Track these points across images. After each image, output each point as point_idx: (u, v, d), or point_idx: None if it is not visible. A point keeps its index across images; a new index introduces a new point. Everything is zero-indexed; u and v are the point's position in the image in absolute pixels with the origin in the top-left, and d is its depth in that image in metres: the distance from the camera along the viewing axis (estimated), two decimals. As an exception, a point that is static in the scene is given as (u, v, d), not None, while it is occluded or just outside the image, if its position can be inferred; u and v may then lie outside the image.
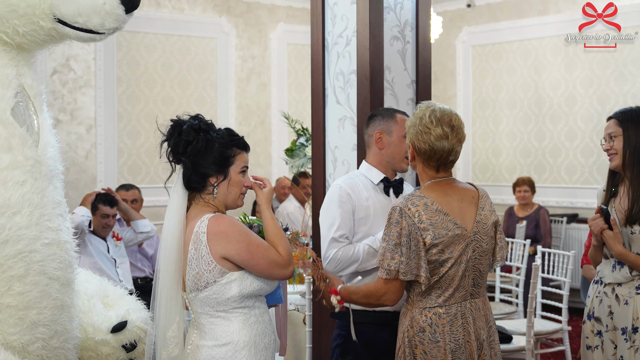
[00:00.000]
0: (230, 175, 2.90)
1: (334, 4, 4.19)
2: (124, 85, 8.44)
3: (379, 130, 3.43)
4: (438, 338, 2.86)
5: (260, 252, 2.81)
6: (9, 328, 2.73)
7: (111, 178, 8.21)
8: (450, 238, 2.85)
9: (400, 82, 4.12)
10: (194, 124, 2.88)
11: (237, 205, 2.96)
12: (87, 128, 8.24)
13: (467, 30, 9.49)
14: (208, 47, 8.95)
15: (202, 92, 8.91)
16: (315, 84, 4.27)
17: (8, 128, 2.74)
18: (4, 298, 2.71)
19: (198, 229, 2.81)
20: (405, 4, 4.14)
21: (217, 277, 2.80)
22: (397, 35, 4.11)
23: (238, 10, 9.14)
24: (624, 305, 3.29)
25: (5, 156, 2.72)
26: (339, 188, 3.41)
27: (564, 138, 8.61)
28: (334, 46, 4.20)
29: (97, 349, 3.16)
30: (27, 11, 2.70)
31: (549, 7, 8.71)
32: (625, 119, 3.34)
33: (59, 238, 2.87)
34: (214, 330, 2.83)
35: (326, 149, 4.24)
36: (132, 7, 2.79)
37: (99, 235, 5.53)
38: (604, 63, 8.27)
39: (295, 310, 4.45)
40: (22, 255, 2.72)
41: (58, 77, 8.07)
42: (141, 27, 8.30)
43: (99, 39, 2.86)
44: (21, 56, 2.85)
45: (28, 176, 2.77)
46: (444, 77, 9.74)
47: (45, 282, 2.80)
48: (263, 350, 2.87)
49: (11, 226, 2.70)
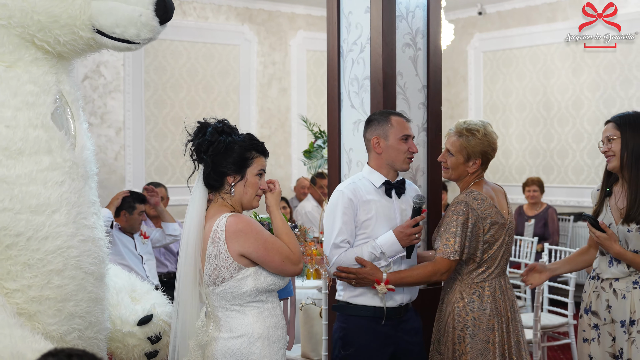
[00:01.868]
0: (247, 177, 2.92)
1: (349, 13, 4.17)
2: (151, 90, 8.50)
3: (375, 136, 3.44)
4: (485, 306, 3.34)
5: (275, 249, 2.85)
6: (49, 319, 2.75)
7: (139, 178, 8.27)
8: (499, 226, 3.36)
9: (412, 87, 4.12)
10: (218, 127, 2.93)
11: (252, 206, 2.99)
12: (116, 131, 8.30)
13: (479, 36, 9.50)
14: (231, 54, 8.98)
15: (226, 97, 8.95)
16: (331, 89, 4.26)
17: (48, 132, 2.77)
18: (43, 291, 2.73)
19: (217, 227, 2.84)
20: (417, 13, 4.13)
21: (234, 273, 2.83)
22: (409, 42, 4.10)
23: (260, 18, 9.18)
24: (622, 299, 3.31)
25: (45, 158, 2.75)
26: (341, 194, 3.41)
27: (571, 140, 8.61)
28: (349, 53, 4.18)
29: (124, 340, 3.18)
30: (68, 22, 2.72)
31: (557, 14, 8.71)
32: (623, 123, 3.37)
33: (94, 235, 2.91)
34: (230, 322, 2.86)
35: (341, 151, 4.21)
36: (166, 19, 2.81)
37: (127, 233, 5.63)
38: (609, 68, 8.26)
39: (312, 304, 4.46)
40: (60, 251, 2.75)
41: (89, 83, 8.14)
42: (168, 35, 8.32)
43: (134, 49, 2.88)
44: (60, 64, 2.88)
45: (66, 177, 2.80)
46: (457, 81, 9.76)
47: (81, 276, 2.83)
48: (276, 342, 2.90)
49: (50, 223, 2.73)
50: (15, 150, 2.71)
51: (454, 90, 9.77)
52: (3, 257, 2.69)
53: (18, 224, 2.68)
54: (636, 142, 3.32)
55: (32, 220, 2.70)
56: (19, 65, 2.77)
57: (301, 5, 9.26)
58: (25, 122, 2.73)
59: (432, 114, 4.14)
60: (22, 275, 2.70)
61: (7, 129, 2.70)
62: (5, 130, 2.70)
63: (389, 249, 3.36)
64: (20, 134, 2.72)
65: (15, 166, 2.70)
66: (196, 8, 8.75)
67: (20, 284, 2.71)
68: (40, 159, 2.75)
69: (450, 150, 3.48)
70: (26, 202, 2.70)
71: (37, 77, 2.80)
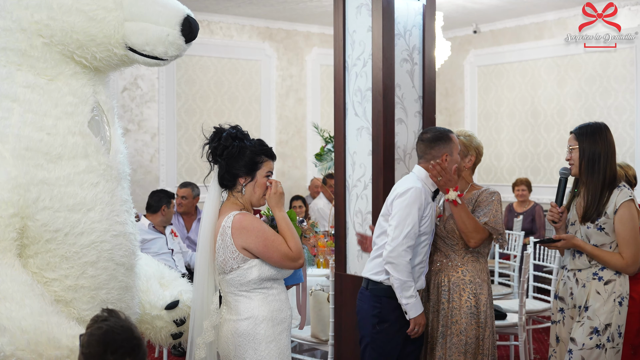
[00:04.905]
0: (256, 178, 2.93)
1: (353, 32, 4.18)
2: (182, 100, 8.51)
3: (445, 153, 3.39)
4: (486, 278, 3.54)
5: (275, 247, 2.84)
6: (83, 305, 2.77)
7: (171, 178, 8.29)
8: None
9: (409, 97, 4.11)
10: (232, 133, 2.94)
11: (260, 204, 2.99)
12: (151, 136, 8.34)
13: (474, 52, 9.43)
14: (253, 68, 8.97)
15: (248, 106, 8.95)
16: (337, 99, 4.27)
17: (85, 138, 2.78)
18: (79, 280, 2.75)
19: (225, 223, 2.86)
20: (414, 32, 4.12)
21: (240, 263, 2.84)
22: (406, 57, 4.09)
23: (279, 36, 9.18)
24: (582, 288, 3.30)
25: (82, 162, 2.76)
26: (420, 192, 3.35)
27: (556, 144, 8.53)
28: (353, 67, 4.19)
29: (152, 323, 3.19)
30: (103, 40, 2.74)
31: (544, 33, 8.63)
32: (581, 133, 3.33)
33: (125, 230, 2.91)
34: (238, 306, 2.87)
35: (346, 154, 4.22)
36: (191, 38, 2.82)
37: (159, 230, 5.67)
38: (590, 80, 8.18)
39: (320, 290, 4.45)
40: (94, 245, 2.76)
41: (127, 94, 8.18)
42: (197, 51, 8.36)
43: (162, 64, 2.90)
44: (97, 77, 2.89)
45: (101, 178, 2.81)
46: (454, 92, 9.70)
47: (113, 267, 2.84)
48: (280, 324, 2.90)
49: (86, 220, 2.74)
50: (56, 155, 2.72)
51: (451, 100, 9.71)
52: (43, 250, 2.70)
53: (57, 220, 2.70)
54: (592, 150, 3.27)
55: (70, 218, 2.72)
56: (60, 78, 2.79)
57: (315, 25, 9.25)
58: (65, 130, 2.75)
59: (427, 121, 4.13)
60: (59, 266, 2.72)
61: (48, 136, 2.72)
62: (47, 137, 2.72)
63: None
64: (60, 141, 2.73)
65: (55, 169, 2.72)
66: (222, 27, 8.76)
67: (58, 274, 2.72)
68: (78, 163, 2.76)
69: None
70: (64, 201, 2.71)
71: (76, 89, 2.81)
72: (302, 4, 8.07)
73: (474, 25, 9.13)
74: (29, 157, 2.67)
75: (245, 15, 8.73)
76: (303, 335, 4.51)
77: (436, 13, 4.25)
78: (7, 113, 2.69)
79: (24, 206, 2.64)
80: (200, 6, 8.12)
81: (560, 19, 8.42)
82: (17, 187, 2.63)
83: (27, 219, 2.66)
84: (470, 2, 7.91)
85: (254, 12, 8.55)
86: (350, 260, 4.23)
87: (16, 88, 2.71)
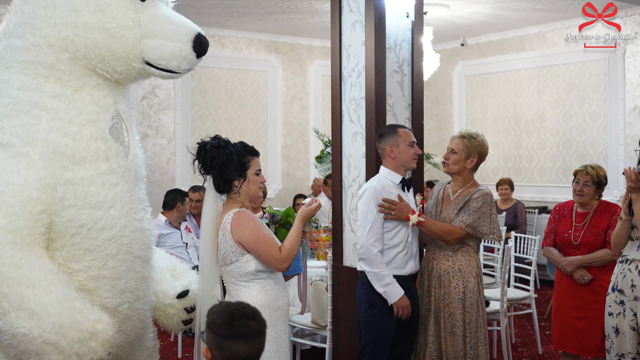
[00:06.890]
0: (248, 177, 2.94)
1: (349, 46, 4.19)
2: (196, 108, 8.52)
3: (389, 145, 3.48)
4: (475, 267, 3.53)
5: (264, 246, 2.84)
6: (104, 293, 2.78)
7: (186, 179, 8.28)
8: None
9: (399, 105, 4.12)
10: (214, 143, 2.93)
11: (258, 197, 2.99)
12: (168, 140, 8.35)
13: (461, 63, 9.45)
14: (261, 78, 8.98)
15: (256, 113, 8.96)
16: (334, 107, 4.27)
17: (106, 143, 2.79)
18: (101, 271, 2.76)
19: (226, 220, 2.88)
20: (403, 46, 4.13)
21: (238, 257, 2.85)
22: (397, 69, 4.11)
23: (284, 49, 9.20)
24: None
25: (103, 164, 2.77)
26: (373, 189, 3.44)
27: (536, 147, 8.54)
28: (348, 78, 4.20)
29: (165, 310, 3.20)
30: (123, 55, 2.74)
31: (525, 45, 8.65)
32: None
33: (142, 226, 2.91)
34: (238, 295, 2.88)
35: (342, 157, 4.24)
36: (202, 54, 2.83)
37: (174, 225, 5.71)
38: (567, 89, 8.19)
39: (320, 281, 4.47)
40: (114, 239, 2.77)
41: (146, 102, 8.21)
42: (209, 63, 8.39)
43: (176, 77, 2.90)
44: (117, 88, 2.89)
45: (120, 179, 2.81)
46: (444, 100, 9.72)
47: (131, 259, 2.84)
48: (277, 311, 2.91)
49: (107, 217, 2.75)
50: (80, 158, 2.73)
51: (441, 107, 9.73)
52: (68, 243, 2.71)
53: (81, 217, 2.71)
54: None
55: (92, 214, 2.73)
56: (84, 89, 2.80)
57: (317, 39, 9.27)
58: (88, 136, 2.76)
59: (416, 127, 4.14)
60: (83, 258, 2.73)
61: (73, 141, 2.73)
62: (72, 142, 2.73)
63: None
64: (83, 145, 2.74)
65: (79, 171, 2.73)
66: (232, 42, 8.79)
67: (82, 265, 2.74)
68: (100, 165, 2.77)
69: (454, 149, 3.60)
70: (87, 200, 2.72)
71: (98, 99, 2.82)
72: (305, 20, 8.10)
73: (462, 39, 9.15)
74: (55, 159, 2.68)
75: (253, 30, 8.75)
76: (304, 322, 4.55)
77: (427, 28, 4.26)
78: (37, 120, 2.70)
79: (51, 204, 2.66)
80: (212, 22, 8.16)
81: (540, 32, 8.44)
82: (45, 187, 2.64)
83: (54, 215, 2.67)
84: (458, 17, 7.94)
85: (261, 28, 8.58)
86: (346, 253, 4.25)
87: (44, 98, 2.73)
